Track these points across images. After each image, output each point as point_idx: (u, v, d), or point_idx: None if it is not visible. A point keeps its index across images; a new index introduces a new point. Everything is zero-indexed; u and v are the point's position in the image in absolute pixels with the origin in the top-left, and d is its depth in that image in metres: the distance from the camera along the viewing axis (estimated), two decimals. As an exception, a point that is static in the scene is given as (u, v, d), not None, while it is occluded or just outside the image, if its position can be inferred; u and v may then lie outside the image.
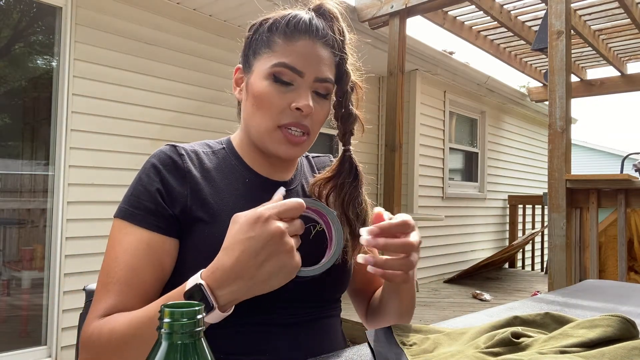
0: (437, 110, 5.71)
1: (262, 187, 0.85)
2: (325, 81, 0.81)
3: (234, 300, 0.63)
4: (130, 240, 0.74)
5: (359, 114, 0.88)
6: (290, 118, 0.79)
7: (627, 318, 0.59)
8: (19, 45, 3.09)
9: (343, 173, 0.85)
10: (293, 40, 0.79)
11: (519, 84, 11.16)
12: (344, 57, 0.84)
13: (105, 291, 0.73)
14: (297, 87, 0.79)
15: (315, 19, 0.81)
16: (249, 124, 0.84)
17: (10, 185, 2.97)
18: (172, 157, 0.80)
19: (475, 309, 4.16)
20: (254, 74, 0.82)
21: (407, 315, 0.87)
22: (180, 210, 0.77)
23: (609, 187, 2.68)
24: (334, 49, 0.82)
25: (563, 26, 2.73)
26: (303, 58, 0.79)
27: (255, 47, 0.83)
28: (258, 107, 0.80)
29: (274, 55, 0.79)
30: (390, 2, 3.70)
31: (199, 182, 0.80)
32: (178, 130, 3.46)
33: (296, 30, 0.79)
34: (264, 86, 0.79)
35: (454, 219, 5.91)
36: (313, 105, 0.79)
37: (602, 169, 14.46)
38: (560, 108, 2.69)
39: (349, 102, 0.86)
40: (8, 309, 2.99)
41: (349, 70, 0.85)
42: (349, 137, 0.87)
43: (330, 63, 0.82)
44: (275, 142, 0.80)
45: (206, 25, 3.65)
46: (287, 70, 0.78)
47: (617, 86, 5.88)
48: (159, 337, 0.39)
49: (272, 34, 0.81)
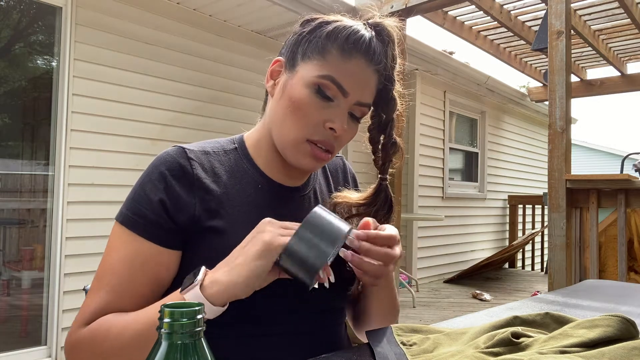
0: (437, 110, 5.71)
1: (274, 194, 0.82)
2: (364, 105, 0.79)
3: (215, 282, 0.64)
4: (127, 250, 0.72)
5: (401, 144, 0.85)
6: (321, 136, 0.76)
7: (627, 318, 0.59)
8: (19, 45, 3.09)
9: (377, 203, 0.83)
10: (349, 57, 0.75)
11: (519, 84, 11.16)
12: (392, 83, 0.81)
13: (96, 297, 0.71)
14: (337, 106, 0.76)
15: (375, 41, 0.77)
16: (275, 126, 0.80)
17: (10, 185, 2.97)
18: (180, 162, 0.76)
19: (475, 309, 4.16)
20: (297, 76, 0.77)
21: (390, 317, 0.86)
22: (187, 219, 0.74)
23: (609, 187, 2.67)
24: (382, 75, 0.80)
25: (563, 26, 2.73)
26: (353, 79, 0.75)
27: (306, 49, 0.78)
28: (292, 114, 0.76)
29: (325, 66, 0.75)
30: (390, 2, 3.70)
31: (208, 189, 0.76)
32: (178, 130, 3.46)
33: (355, 48, 0.75)
34: (304, 94, 0.75)
35: (454, 219, 5.91)
36: (345, 128, 0.77)
37: (602, 169, 14.47)
38: (560, 108, 2.69)
39: (393, 130, 0.83)
40: (8, 309, 2.99)
41: (395, 98, 0.82)
42: (388, 166, 0.84)
43: (374, 88, 0.79)
44: (300, 154, 0.78)
45: (206, 25, 3.65)
46: (333, 85, 0.75)
47: (617, 86, 5.87)
48: (159, 337, 0.39)
49: (329, 41, 0.76)
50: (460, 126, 6.37)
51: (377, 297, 0.84)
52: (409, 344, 0.67)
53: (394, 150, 0.83)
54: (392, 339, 0.68)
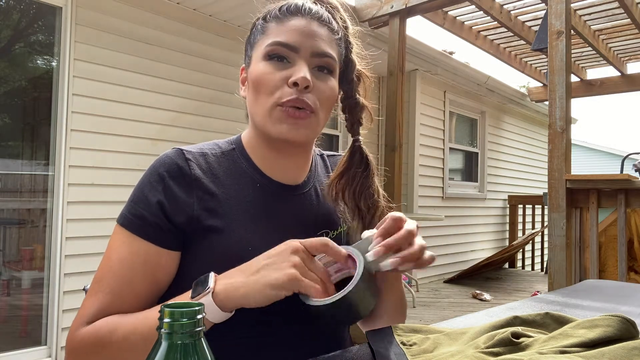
0: (437, 110, 5.71)
1: (274, 193, 0.82)
2: (324, 55, 0.78)
3: (228, 290, 0.63)
4: (126, 251, 0.72)
5: (366, 103, 0.86)
6: (289, 95, 0.75)
7: (627, 318, 0.59)
8: (19, 45, 3.09)
9: (354, 165, 0.83)
10: (287, 20, 0.78)
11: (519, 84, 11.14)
12: (348, 44, 0.83)
13: (96, 299, 0.71)
14: (293, 63, 0.77)
15: (309, 3, 0.81)
16: (253, 114, 0.81)
17: (10, 185, 2.97)
18: (178, 163, 0.76)
19: (475, 309, 4.16)
20: (253, 62, 0.81)
21: (398, 314, 0.85)
22: (185, 220, 0.74)
23: (609, 187, 2.67)
24: (332, 29, 0.81)
25: (563, 26, 2.73)
26: (296, 33, 0.77)
27: (252, 39, 0.83)
28: (258, 90, 0.78)
29: (268, 37, 0.78)
30: (390, 2, 3.70)
31: (207, 189, 0.76)
32: (178, 130, 3.46)
33: (289, 12, 0.79)
34: (260, 67, 0.78)
35: (454, 219, 5.91)
36: (313, 80, 0.76)
37: (602, 169, 14.46)
38: (560, 108, 2.69)
39: (355, 91, 0.85)
40: (8, 309, 2.99)
41: (354, 59, 0.84)
42: (357, 127, 0.85)
43: (330, 40, 0.80)
44: (276, 123, 0.76)
45: (206, 25, 3.65)
46: (280, 47, 0.76)
47: (617, 86, 5.87)
48: (159, 337, 0.39)
49: (266, 22, 0.81)
50: (460, 126, 6.37)
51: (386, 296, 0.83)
52: (409, 344, 0.67)
53: (359, 110, 0.85)
54: (392, 339, 0.68)
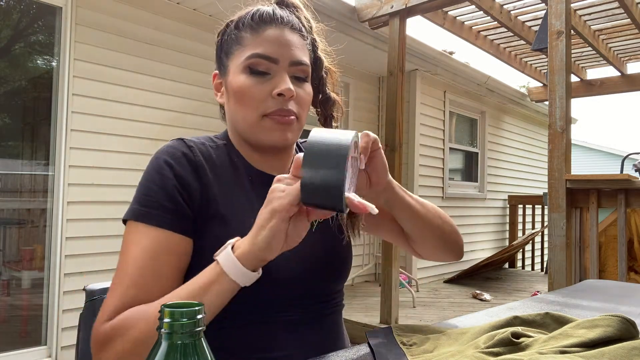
0: (437, 110, 5.71)
1: (266, 184, 0.82)
2: (301, 64, 0.81)
3: (241, 246, 0.64)
4: (147, 242, 0.70)
5: (337, 98, 0.90)
6: (274, 106, 0.78)
7: (627, 318, 0.59)
8: (19, 45, 3.09)
9: None
10: (262, 30, 0.80)
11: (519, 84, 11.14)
12: (315, 43, 0.87)
13: (118, 293, 0.68)
14: (275, 75, 0.79)
15: (278, 9, 0.83)
16: (235, 122, 0.84)
17: (10, 185, 2.97)
18: (182, 150, 0.78)
19: (475, 309, 4.16)
20: (230, 72, 0.82)
21: (437, 229, 0.88)
22: (197, 205, 0.75)
23: (609, 187, 2.67)
24: (302, 35, 0.84)
25: (563, 26, 2.73)
26: (274, 45, 0.79)
27: (226, 48, 0.84)
28: (240, 102, 0.80)
29: (246, 49, 0.80)
30: (390, 2, 3.70)
31: (210, 177, 0.78)
32: (178, 130, 3.46)
33: (262, 21, 0.81)
34: (242, 80, 0.79)
35: (454, 219, 5.82)
36: (294, 89, 0.79)
37: (602, 169, 14.45)
38: (560, 108, 2.69)
39: (326, 87, 0.89)
40: (8, 309, 2.99)
41: (321, 56, 0.88)
42: (330, 122, 0.89)
43: (302, 47, 0.83)
44: (266, 132, 0.80)
45: (206, 25, 3.65)
46: (261, 60, 0.79)
47: (617, 86, 5.87)
48: (159, 337, 0.39)
49: (240, 31, 0.82)
50: (460, 126, 6.36)
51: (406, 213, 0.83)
52: (409, 344, 0.67)
53: (330, 104, 0.89)
54: (392, 339, 0.68)
